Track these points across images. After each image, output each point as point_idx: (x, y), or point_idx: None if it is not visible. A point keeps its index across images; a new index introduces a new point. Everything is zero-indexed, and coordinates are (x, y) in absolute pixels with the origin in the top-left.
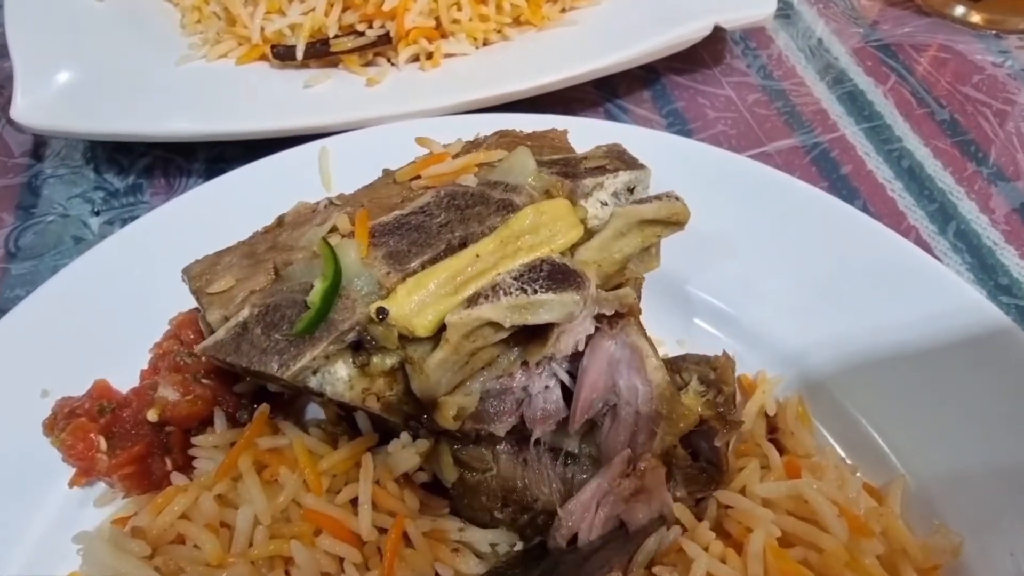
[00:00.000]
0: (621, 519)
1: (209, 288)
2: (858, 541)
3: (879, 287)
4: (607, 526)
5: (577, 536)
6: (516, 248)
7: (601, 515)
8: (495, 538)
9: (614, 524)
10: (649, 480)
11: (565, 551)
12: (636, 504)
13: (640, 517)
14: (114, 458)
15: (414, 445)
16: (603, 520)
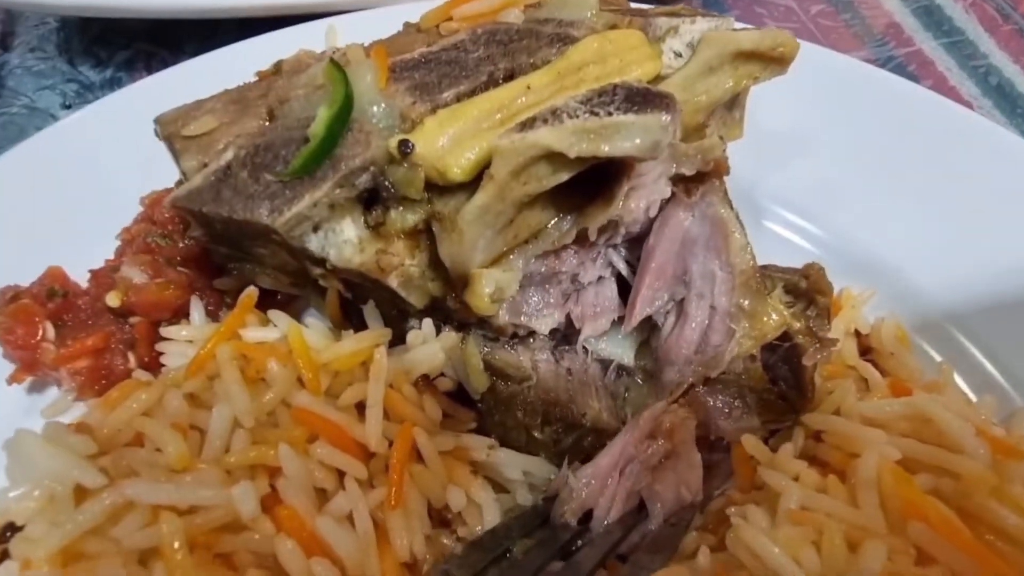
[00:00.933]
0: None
1: (184, 131)
2: (1003, 465)
3: (988, 190)
4: (629, 503)
5: (592, 513)
6: (578, 79)
7: (624, 487)
8: (530, 466)
9: (635, 501)
10: (678, 438)
11: (576, 532)
12: (664, 474)
13: (668, 495)
14: (64, 348)
15: (438, 339)
16: (625, 494)
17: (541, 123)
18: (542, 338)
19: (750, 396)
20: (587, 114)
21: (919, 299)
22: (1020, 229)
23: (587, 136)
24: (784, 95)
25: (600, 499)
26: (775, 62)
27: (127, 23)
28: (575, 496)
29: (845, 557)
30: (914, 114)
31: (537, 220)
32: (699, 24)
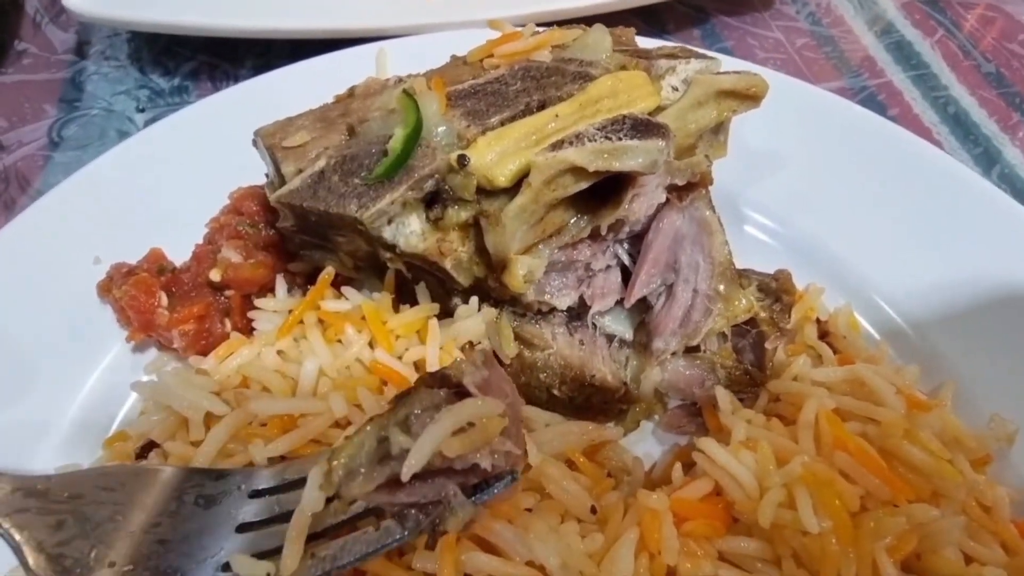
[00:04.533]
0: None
1: (283, 143)
2: (915, 416)
3: (930, 206)
4: None
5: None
6: (595, 110)
7: None
8: (550, 420)
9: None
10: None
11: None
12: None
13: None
14: (174, 313)
15: (480, 313)
16: None
17: (568, 145)
18: (560, 315)
19: (720, 370)
20: (603, 139)
21: (869, 292)
22: (951, 237)
23: (602, 155)
24: (763, 121)
25: None
26: (750, 99)
27: (190, 38)
28: None
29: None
30: (871, 140)
31: (561, 219)
32: (692, 64)
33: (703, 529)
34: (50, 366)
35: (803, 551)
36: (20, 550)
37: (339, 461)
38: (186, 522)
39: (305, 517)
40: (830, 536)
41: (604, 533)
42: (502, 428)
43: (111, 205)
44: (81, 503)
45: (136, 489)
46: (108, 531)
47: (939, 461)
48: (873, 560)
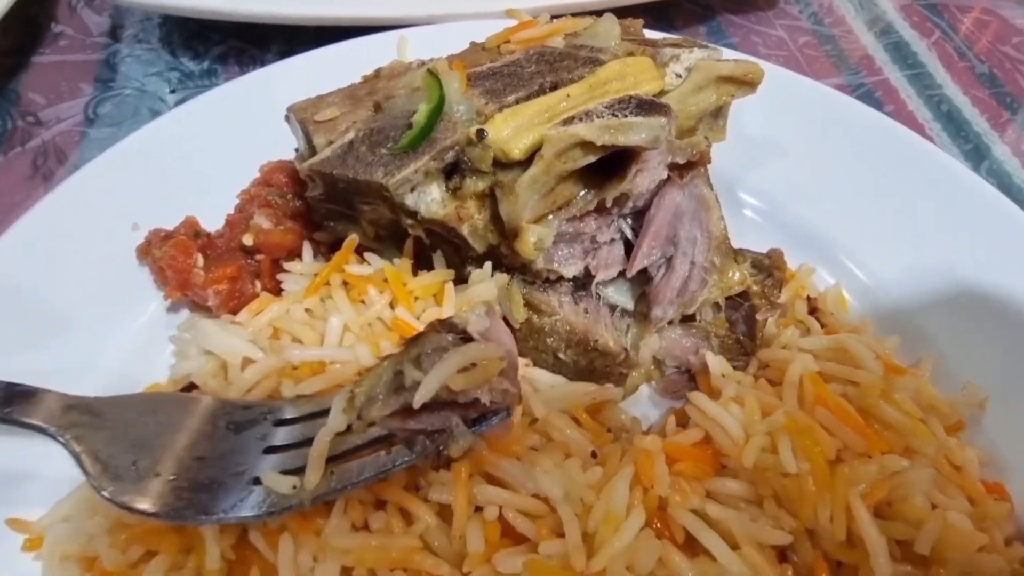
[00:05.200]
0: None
1: (315, 117)
2: (892, 379)
3: (917, 195)
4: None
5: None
6: (604, 91)
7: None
8: (555, 381)
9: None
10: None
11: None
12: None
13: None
14: (209, 274)
15: (492, 279)
16: None
17: (578, 121)
18: (566, 283)
19: (714, 340)
20: (610, 115)
21: (858, 272)
22: (937, 224)
23: (609, 130)
24: (762, 111)
25: None
26: (746, 84)
27: (219, 23)
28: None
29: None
30: (864, 132)
31: (570, 192)
32: (695, 53)
33: (692, 470)
34: (92, 321)
35: (783, 492)
36: (79, 458)
37: (361, 389)
38: (220, 443)
39: (327, 438)
40: (808, 478)
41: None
42: (500, 369)
43: (148, 176)
44: (129, 422)
45: (176, 413)
46: (153, 447)
47: (913, 420)
48: (847, 504)
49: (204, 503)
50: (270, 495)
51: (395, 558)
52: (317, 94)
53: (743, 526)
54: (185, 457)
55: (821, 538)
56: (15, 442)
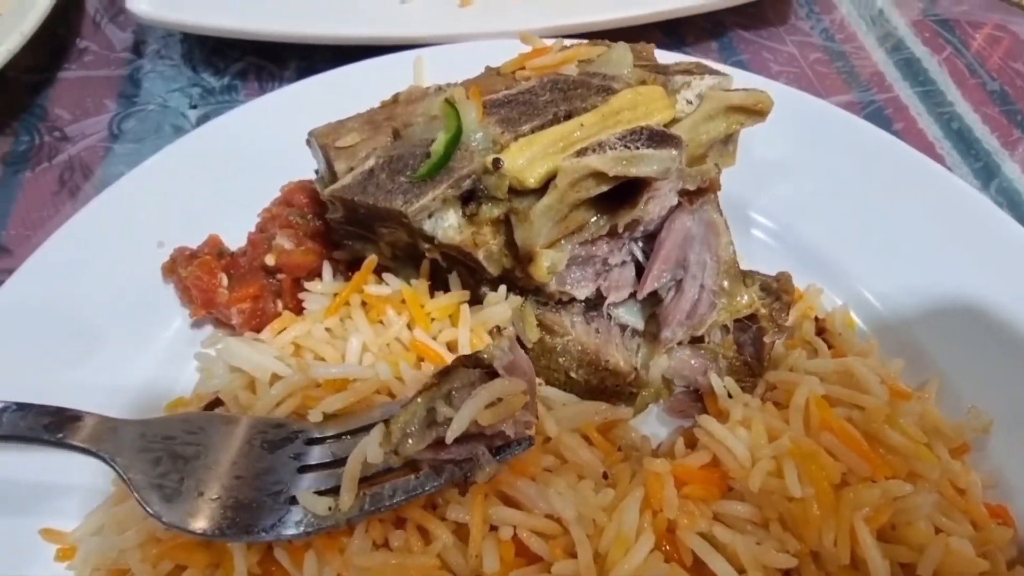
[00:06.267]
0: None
1: (336, 143)
2: (897, 404)
3: (926, 217)
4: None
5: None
6: (616, 121)
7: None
8: (567, 399)
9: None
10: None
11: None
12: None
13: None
14: (233, 293)
15: (507, 301)
16: None
17: (591, 152)
18: (578, 305)
19: (722, 360)
20: (622, 147)
21: (866, 294)
22: (944, 246)
23: (621, 162)
24: (771, 133)
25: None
26: (756, 114)
27: (238, 40)
28: None
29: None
30: (873, 153)
31: (582, 217)
32: (706, 80)
33: (701, 493)
34: (118, 337)
35: (788, 516)
36: (130, 484)
37: (397, 425)
38: (256, 462)
39: (359, 463)
40: (812, 503)
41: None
42: (524, 403)
43: (172, 195)
44: (172, 443)
45: (214, 432)
46: (196, 467)
47: (917, 445)
48: (851, 527)
49: (246, 522)
50: (307, 515)
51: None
52: (336, 113)
53: (749, 549)
54: (226, 476)
55: (825, 561)
56: (48, 456)
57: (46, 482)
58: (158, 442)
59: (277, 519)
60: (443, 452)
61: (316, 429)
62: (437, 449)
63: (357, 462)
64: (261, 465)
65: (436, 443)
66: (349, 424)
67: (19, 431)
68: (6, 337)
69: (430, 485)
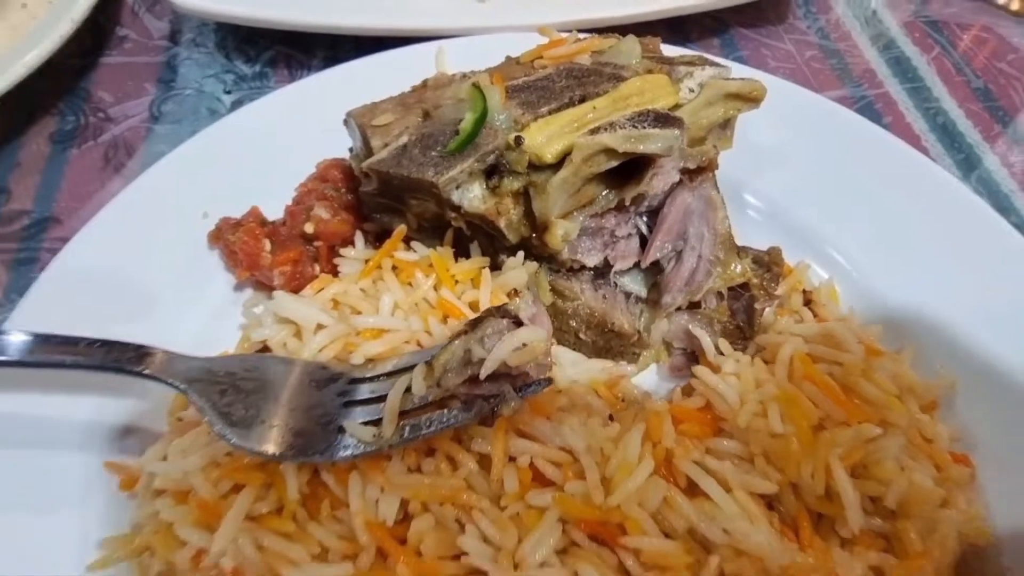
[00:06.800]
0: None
1: (372, 122)
2: (872, 361)
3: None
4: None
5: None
6: (625, 104)
7: None
8: (577, 358)
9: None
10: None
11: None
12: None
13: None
14: (275, 257)
15: (524, 266)
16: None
17: (603, 131)
18: (588, 272)
19: (717, 325)
20: (631, 127)
21: (849, 268)
22: (920, 227)
23: (630, 140)
24: (768, 120)
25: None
26: (751, 100)
27: (268, 30)
28: None
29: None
30: (860, 141)
31: (593, 191)
32: (707, 71)
33: (695, 430)
34: (167, 297)
35: (771, 451)
36: (203, 409)
37: (439, 362)
38: (307, 397)
39: (399, 396)
40: (793, 439)
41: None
42: (544, 349)
43: (214, 171)
44: (234, 378)
45: (269, 371)
46: (256, 399)
47: (888, 396)
48: (827, 463)
49: (303, 445)
50: (354, 441)
51: (445, 495)
52: (363, 99)
53: (736, 476)
54: (282, 408)
55: (803, 491)
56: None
57: (104, 423)
58: (222, 376)
59: (328, 444)
60: (476, 388)
61: (357, 371)
62: (471, 384)
63: (398, 395)
64: (312, 400)
65: (471, 379)
66: (386, 367)
67: (106, 363)
68: (64, 298)
69: (462, 417)
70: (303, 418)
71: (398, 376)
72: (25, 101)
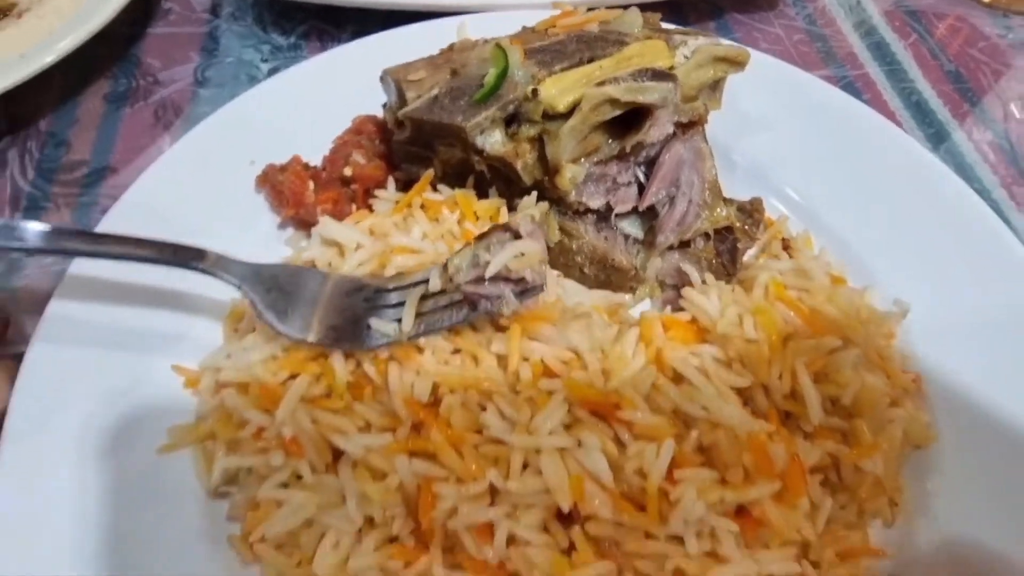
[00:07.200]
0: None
1: (407, 78)
2: (836, 288)
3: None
4: None
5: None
6: (628, 64)
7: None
8: (581, 290)
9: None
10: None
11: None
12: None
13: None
14: (318, 196)
15: (536, 206)
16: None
17: (609, 84)
18: (592, 215)
19: (704, 262)
20: (632, 81)
21: (825, 221)
22: (893, 190)
23: (631, 91)
24: (756, 91)
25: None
26: (737, 63)
27: (301, 5)
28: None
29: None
30: (837, 111)
31: (598, 140)
32: (699, 40)
33: (681, 336)
34: (219, 233)
35: (746, 355)
36: (254, 302)
37: (453, 263)
38: (340, 300)
39: (418, 296)
40: (764, 345)
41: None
42: (540, 259)
43: (258, 125)
44: (278, 281)
45: (306, 278)
46: (296, 298)
47: (848, 318)
48: (793, 369)
49: (335, 337)
50: (381, 335)
51: (469, 382)
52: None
53: (716, 370)
54: (319, 307)
55: (772, 392)
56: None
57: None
58: (267, 279)
59: (357, 336)
60: (480, 287)
61: (382, 283)
62: (478, 283)
63: (416, 297)
64: (344, 303)
65: (477, 279)
66: (406, 281)
67: (166, 257)
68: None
69: (469, 316)
70: (336, 316)
71: (416, 287)
72: (82, 66)
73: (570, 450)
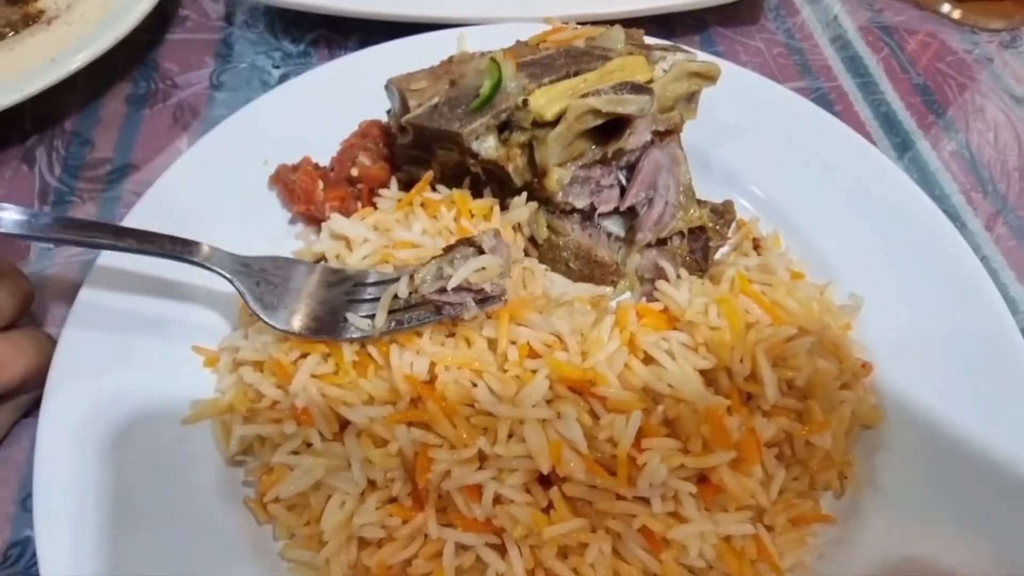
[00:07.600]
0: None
1: (410, 87)
2: (796, 282)
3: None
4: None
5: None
6: (610, 78)
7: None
8: (566, 283)
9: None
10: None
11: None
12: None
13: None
14: (327, 194)
15: (526, 205)
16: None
17: (592, 96)
18: (577, 214)
19: (678, 258)
20: (613, 93)
21: (793, 223)
22: (857, 196)
23: (612, 103)
24: (732, 102)
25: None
26: (708, 78)
27: (309, 14)
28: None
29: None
30: (810, 123)
31: (583, 146)
32: (677, 56)
33: (653, 323)
34: (234, 225)
35: (711, 341)
36: (243, 294)
37: (419, 275)
38: (321, 293)
39: (390, 296)
40: (727, 332)
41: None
42: (499, 273)
43: (270, 128)
44: (266, 274)
45: (293, 271)
46: (283, 291)
47: (805, 309)
48: (753, 354)
49: (316, 328)
50: (356, 329)
51: (462, 361)
52: (394, 73)
53: (683, 354)
54: (302, 299)
55: (734, 374)
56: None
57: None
58: (257, 271)
59: (335, 328)
60: (444, 297)
61: (360, 277)
62: (441, 293)
63: (389, 296)
64: (325, 296)
65: (441, 290)
66: (382, 276)
67: (163, 250)
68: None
69: (433, 318)
70: (317, 308)
71: (391, 283)
72: (105, 70)
73: (550, 421)
